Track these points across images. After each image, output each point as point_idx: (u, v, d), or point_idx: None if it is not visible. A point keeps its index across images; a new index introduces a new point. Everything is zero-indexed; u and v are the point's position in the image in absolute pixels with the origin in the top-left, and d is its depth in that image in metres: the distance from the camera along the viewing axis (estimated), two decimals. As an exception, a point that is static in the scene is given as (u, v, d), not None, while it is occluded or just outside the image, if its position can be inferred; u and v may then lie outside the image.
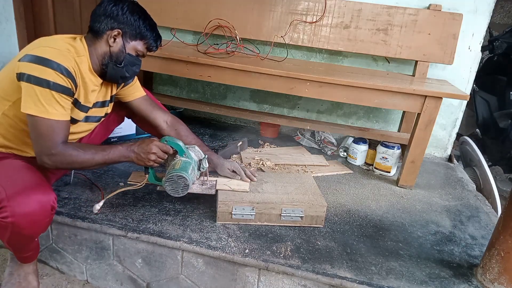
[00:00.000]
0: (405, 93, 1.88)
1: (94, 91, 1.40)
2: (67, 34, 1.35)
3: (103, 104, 1.50)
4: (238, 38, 2.34)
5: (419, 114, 1.91)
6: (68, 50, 1.24)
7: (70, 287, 1.52)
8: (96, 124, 1.53)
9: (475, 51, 2.33)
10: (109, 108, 1.55)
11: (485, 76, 3.12)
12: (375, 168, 2.19)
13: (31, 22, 2.96)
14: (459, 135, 2.70)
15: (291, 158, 2.15)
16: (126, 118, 1.86)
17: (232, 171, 1.68)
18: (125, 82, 1.47)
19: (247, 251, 1.39)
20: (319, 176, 2.03)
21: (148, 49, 1.42)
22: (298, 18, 2.32)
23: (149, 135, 2.28)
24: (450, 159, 2.55)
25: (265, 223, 1.55)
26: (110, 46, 1.33)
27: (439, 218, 1.77)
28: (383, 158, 2.13)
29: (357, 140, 2.24)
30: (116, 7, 1.31)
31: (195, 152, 1.54)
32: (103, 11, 1.31)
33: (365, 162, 2.27)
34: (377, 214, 1.74)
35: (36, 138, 1.23)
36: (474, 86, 3.02)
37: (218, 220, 1.53)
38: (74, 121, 1.38)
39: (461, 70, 2.37)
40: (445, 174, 2.32)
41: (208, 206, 1.63)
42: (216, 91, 2.76)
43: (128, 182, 1.72)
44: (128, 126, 2.15)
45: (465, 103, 2.45)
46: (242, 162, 2.04)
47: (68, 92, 1.23)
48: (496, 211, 1.99)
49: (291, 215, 1.54)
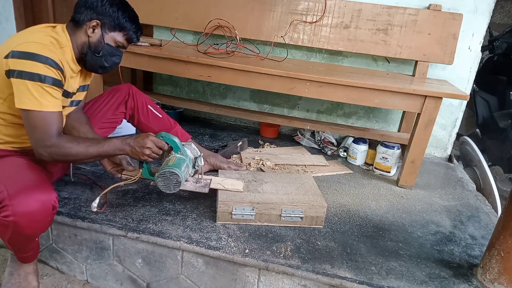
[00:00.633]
0: (405, 93, 1.88)
1: (73, 78, 1.42)
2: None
3: (83, 88, 1.53)
4: (238, 38, 2.34)
5: (419, 114, 1.91)
6: (52, 44, 1.27)
7: (70, 287, 1.52)
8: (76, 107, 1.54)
9: (475, 51, 2.33)
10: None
11: (485, 76, 3.12)
12: (375, 168, 2.19)
13: (31, 22, 2.96)
14: (459, 135, 2.70)
15: (291, 158, 2.15)
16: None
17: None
18: (104, 72, 1.48)
19: (247, 251, 1.39)
20: (319, 176, 2.03)
21: (128, 40, 1.42)
22: (298, 18, 2.32)
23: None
24: (450, 159, 2.55)
25: (265, 223, 1.55)
26: (89, 36, 1.35)
27: (439, 218, 1.77)
28: (383, 158, 2.13)
29: (357, 140, 2.24)
30: None
31: (190, 150, 1.54)
32: (84, 2, 1.34)
33: (365, 162, 2.27)
34: (377, 214, 1.74)
35: (31, 131, 1.25)
36: (474, 86, 3.02)
37: (218, 220, 1.53)
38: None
39: (461, 70, 2.37)
40: (445, 174, 2.32)
41: (208, 206, 1.63)
42: (216, 91, 2.76)
43: (122, 174, 1.66)
44: (128, 126, 2.15)
45: (465, 103, 2.45)
46: (242, 162, 2.04)
47: (58, 84, 1.25)
48: (496, 211, 1.99)
49: (291, 215, 1.54)
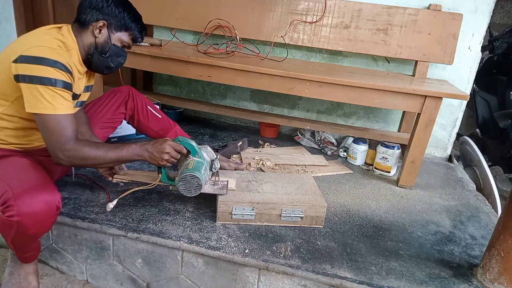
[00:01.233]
0: (405, 93, 1.88)
1: (80, 80, 1.43)
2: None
3: (87, 88, 1.53)
4: (238, 38, 2.34)
5: (419, 114, 1.91)
6: (60, 47, 1.27)
7: (70, 287, 1.53)
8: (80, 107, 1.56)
9: (475, 51, 2.33)
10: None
11: (485, 76, 3.12)
12: (375, 168, 2.19)
13: (31, 22, 2.96)
14: (459, 135, 2.70)
15: (291, 158, 2.15)
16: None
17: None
18: (110, 72, 1.49)
19: (247, 251, 1.39)
20: (319, 176, 2.03)
21: (134, 40, 1.44)
22: (298, 18, 2.32)
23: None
24: (450, 159, 2.55)
25: (265, 223, 1.55)
26: (96, 37, 1.36)
27: (439, 218, 1.77)
28: (383, 158, 2.13)
29: (357, 140, 2.24)
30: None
31: (207, 153, 1.55)
32: (89, 3, 1.34)
33: (365, 162, 2.27)
34: (377, 214, 1.74)
35: (47, 136, 1.25)
36: (474, 86, 3.02)
37: (218, 220, 1.53)
38: None
39: (461, 70, 2.37)
40: (445, 174, 2.32)
41: (208, 206, 1.63)
42: (216, 91, 2.76)
43: (114, 178, 1.68)
44: (128, 126, 2.14)
45: (465, 103, 2.45)
46: (242, 162, 2.04)
47: (69, 87, 1.26)
48: (496, 211, 1.99)
49: (291, 215, 1.54)
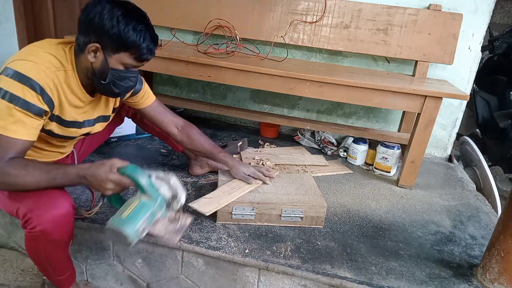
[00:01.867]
0: (405, 93, 1.88)
1: (79, 108, 1.27)
2: (67, 34, 1.32)
3: (104, 118, 1.43)
4: (238, 38, 2.34)
5: (419, 114, 1.91)
6: (50, 63, 1.14)
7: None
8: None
9: (475, 51, 2.33)
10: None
11: (485, 76, 3.12)
12: (375, 168, 2.19)
13: (31, 22, 2.96)
14: (459, 135, 2.70)
15: (291, 158, 2.15)
16: (126, 118, 1.86)
17: (247, 175, 1.65)
18: (118, 97, 1.32)
19: (247, 251, 1.39)
20: (319, 176, 2.03)
21: (139, 59, 1.19)
22: (298, 18, 2.32)
23: (149, 135, 2.29)
24: (450, 159, 2.55)
25: (265, 223, 1.55)
26: (91, 62, 1.17)
27: (439, 218, 1.77)
28: (383, 158, 2.13)
29: (357, 140, 2.24)
30: (93, 14, 1.11)
31: (169, 186, 1.20)
32: (83, 19, 1.14)
33: (365, 162, 2.27)
34: (377, 214, 1.74)
35: None
36: (474, 86, 3.01)
37: (218, 220, 1.53)
38: (70, 138, 1.33)
39: (461, 70, 2.37)
40: (445, 174, 2.32)
41: (208, 206, 1.63)
42: (216, 91, 2.76)
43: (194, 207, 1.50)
44: (128, 126, 2.15)
45: (465, 103, 2.45)
46: (242, 162, 2.04)
47: (35, 111, 1.10)
48: (496, 211, 1.99)
49: (291, 215, 1.54)
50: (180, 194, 1.21)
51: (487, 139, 3.12)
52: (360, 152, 2.22)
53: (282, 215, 1.53)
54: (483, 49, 2.66)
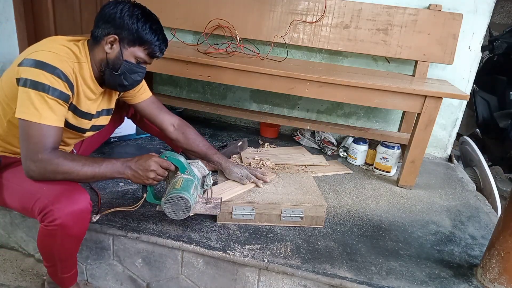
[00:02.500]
0: (405, 93, 1.88)
1: (92, 100, 1.35)
2: (67, 34, 1.33)
3: (108, 112, 1.48)
4: (238, 38, 2.34)
5: (419, 114, 1.91)
6: (68, 55, 1.21)
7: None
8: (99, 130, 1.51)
9: (475, 51, 2.33)
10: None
11: (485, 76, 3.12)
12: (375, 168, 2.19)
13: (31, 22, 2.97)
14: (459, 135, 2.70)
15: (291, 158, 2.15)
16: (126, 118, 1.86)
17: (241, 177, 1.65)
18: (125, 90, 1.40)
19: (247, 251, 1.39)
20: (319, 176, 2.03)
21: (150, 55, 1.32)
22: (298, 18, 2.32)
23: (149, 135, 2.29)
24: (450, 159, 2.55)
25: (265, 223, 1.55)
26: (107, 53, 1.26)
27: (439, 218, 1.77)
28: (383, 158, 2.13)
29: (357, 140, 2.24)
30: (114, 10, 1.23)
31: (198, 168, 1.44)
32: (101, 16, 1.25)
33: (365, 162, 2.27)
34: (377, 214, 1.74)
35: (24, 142, 1.15)
36: (474, 86, 3.02)
37: (218, 220, 1.53)
38: (82, 130, 1.36)
39: (461, 70, 2.37)
40: (445, 174, 2.32)
41: (208, 206, 1.63)
42: (216, 91, 2.76)
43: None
44: (128, 126, 2.15)
45: (465, 103, 2.45)
46: (242, 162, 2.04)
47: (64, 97, 1.18)
48: (496, 211, 1.99)
49: (291, 215, 1.54)
50: (209, 173, 1.46)
51: (487, 139, 3.12)
52: (360, 152, 2.22)
53: (282, 215, 1.53)
54: (483, 49, 2.66)
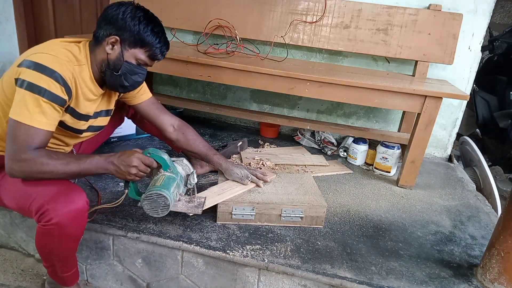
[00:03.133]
0: (405, 93, 1.88)
1: (92, 101, 1.35)
2: (67, 34, 1.34)
3: (107, 113, 1.48)
4: (238, 38, 2.34)
5: (419, 114, 1.91)
6: (68, 58, 1.21)
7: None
8: (99, 131, 1.51)
9: (475, 51, 2.33)
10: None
11: (485, 76, 3.12)
12: (375, 168, 2.19)
13: (31, 22, 2.97)
14: (459, 135, 2.70)
15: (291, 158, 2.15)
16: (126, 118, 1.86)
17: (241, 177, 1.65)
18: (126, 91, 1.39)
19: (247, 251, 1.39)
20: (319, 176, 2.03)
21: (151, 57, 1.31)
22: (298, 18, 2.32)
23: (149, 135, 2.29)
24: (450, 159, 2.55)
25: (265, 223, 1.55)
26: (108, 54, 1.27)
27: (439, 218, 1.77)
28: (383, 158, 2.13)
29: (357, 140, 2.24)
30: (117, 11, 1.24)
31: (182, 166, 1.42)
32: (104, 17, 1.26)
33: (365, 162, 2.27)
34: (377, 214, 1.74)
35: (10, 142, 1.14)
36: (474, 86, 3.02)
37: (218, 220, 1.53)
38: (78, 131, 1.35)
39: (461, 70, 2.37)
40: (445, 174, 2.32)
41: (208, 206, 1.63)
42: (216, 91, 2.76)
43: None
44: (128, 126, 2.15)
45: (465, 103, 2.45)
46: (242, 162, 2.04)
47: (60, 101, 1.17)
48: (496, 211, 1.99)
49: (291, 215, 1.54)
50: (193, 171, 1.43)
51: (487, 139, 3.12)
52: (360, 152, 2.22)
53: (282, 215, 1.53)
54: (483, 49, 2.66)
